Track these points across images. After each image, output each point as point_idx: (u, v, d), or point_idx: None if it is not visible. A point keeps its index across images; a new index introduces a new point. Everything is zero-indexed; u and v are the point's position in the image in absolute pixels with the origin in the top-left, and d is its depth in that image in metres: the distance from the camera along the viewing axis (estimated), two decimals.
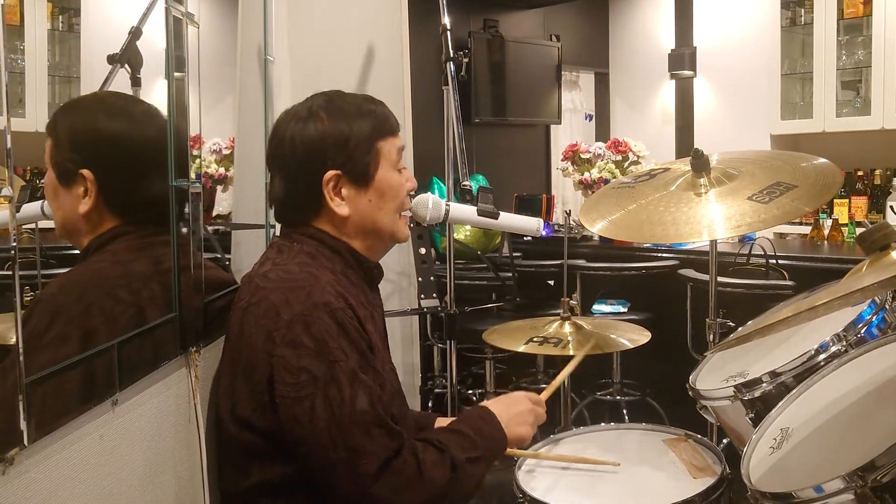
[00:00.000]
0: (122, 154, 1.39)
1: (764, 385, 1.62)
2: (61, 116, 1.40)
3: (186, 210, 1.40)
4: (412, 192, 1.63)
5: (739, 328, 2.01)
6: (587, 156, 4.26)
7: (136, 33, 1.64)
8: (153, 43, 1.59)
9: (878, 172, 4.57)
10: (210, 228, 2.15)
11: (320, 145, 1.46)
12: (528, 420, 1.59)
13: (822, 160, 1.92)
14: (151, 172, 1.39)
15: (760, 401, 1.62)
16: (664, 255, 3.71)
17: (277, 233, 1.64)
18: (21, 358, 0.96)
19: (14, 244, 0.98)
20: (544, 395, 1.70)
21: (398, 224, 1.56)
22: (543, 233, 3.05)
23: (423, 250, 2.65)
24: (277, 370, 1.33)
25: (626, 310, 3.71)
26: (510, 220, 1.98)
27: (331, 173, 1.46)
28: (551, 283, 4.04)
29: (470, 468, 1.43)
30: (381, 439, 1.34)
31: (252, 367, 1.37)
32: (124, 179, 1.39)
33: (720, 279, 2.80)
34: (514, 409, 1.58)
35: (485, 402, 1.61)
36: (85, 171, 1.34)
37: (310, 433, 1.32)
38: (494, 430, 1.52)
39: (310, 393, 1.31)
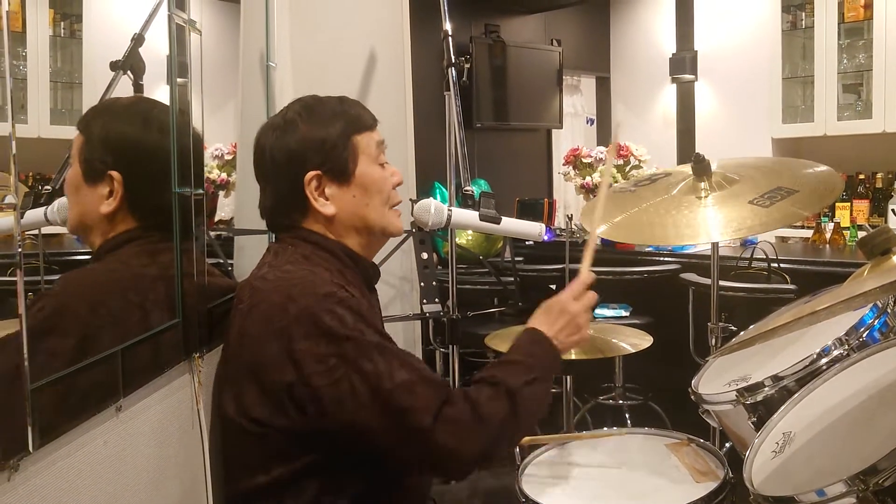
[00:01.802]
0: (151, 161, 1.40)
1: (766, 389, 1.62)
2: (96, 115, 1.42)
3: (190, 216, 1.40)
4: (399, 185, 1.61)
5: (741, 332, 2.02)
6: (589, 160, 4.27)
7: (138, 40, 1.64)
8: (156, 50, 1.59)
9: (879, 176, 4.57)
10: (213, 234, 2.16)
11: (298, 152, 1.48)
12: (579, 324, 1.53)
13: (824, 168, 1.92)
14: (170, 180, 1.41)
15: (763, 405, 1.62)
16: (666, 259, 3.72)
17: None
18: (26, 363, 0.97)
19: (18, 250, 0.98)
20: (584, 271, 1.57)
21: (388, 217, 1.56)
22: (545, 237, 3.05)
23: (424, 255, 2.65)
24: (305, 364, 1.32)
25: (627, 314, 3.71)
26: (512, 225, 1.97)
27: (311, 174, 1.48)
28: (553, 287, 4.04)
29: (529, 391, 1.41)
30: (427, 393, 1.33)
31: (261, 368, 1.36)
32: (149, 185, 1.40)
33: (722, 283, 2.80)
34: (560, 322, 1.52)
35: (532, 321, 1.55)
36: (114, 173, 1.35)
37: (357, 409, 1.31)
38: (545, 348, 1.49)
39: (344, 373, 1.31)
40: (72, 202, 1.41)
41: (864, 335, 1.61)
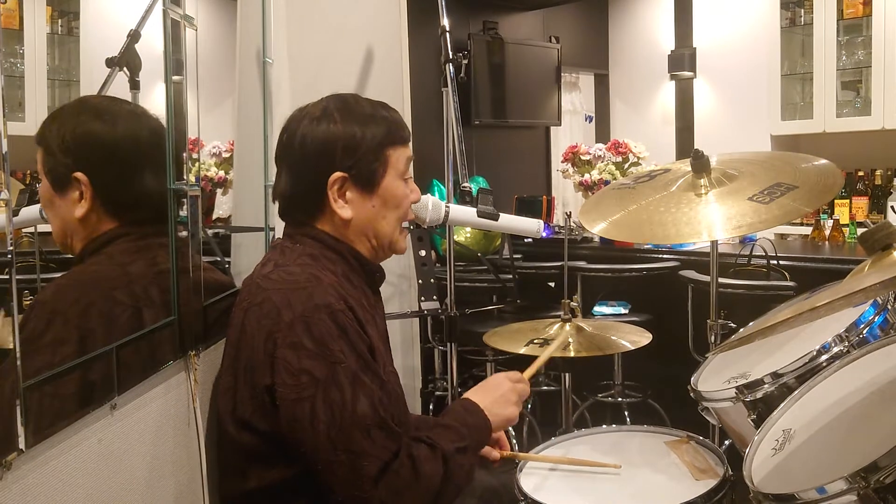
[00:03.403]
0: (112, 154, 1.39)
1: (766, 386, 1.61)
2: (48, 124, 1.39)
3: (184, 213, 1.39)
4: (416, 202, 1.63)
5: (741, 329, 2.01)
6: (587, 157, 4.26)
7: (134, 36, 1.63)
8: (152, 46, 1.58)
9: (878, 172, 4.56)
10: (210, 231, 2.15)
11: (330, 146, 1.46)
12: (510, 400, 1.59)
13: (823, 161, 1.92)
14: (145, 173, 1.39)
15: (762, 402, 1.62)
16: (665, 256, 3.71)
17: (277, 235, 1.64)
18: (18, 362, 0.96)
19: (11, 248, 0.97)
20: (527, 374, 1.71)
21: (397, 235, 1.57)
22: (544, 234, 3.05)
23: (423, 252, 2.64)
24: (278, 371, 1.33)
25: (626, 311, 3.71)
26: (510, 222, 1.97)
27: (337, 175, 1.47)
28: (552, 284, 4.03)
29: (460, 458, 1.43)
30: (382, 441, 1.34)
31: (252, 367, 1.36)
32: (118, 180, 1.38)
33: (721, 280, 2.79)
34: (495, 394, 1.58)
35: (466, 394, 1.61)
36: (78, 174, 1.33)
37: (310, 435, 1.32)
38: (478, 419, 1.53)
39: (311, 395, 1.31)
40: (51, 217, 1.39)
41: (865, 332, 1.60)
